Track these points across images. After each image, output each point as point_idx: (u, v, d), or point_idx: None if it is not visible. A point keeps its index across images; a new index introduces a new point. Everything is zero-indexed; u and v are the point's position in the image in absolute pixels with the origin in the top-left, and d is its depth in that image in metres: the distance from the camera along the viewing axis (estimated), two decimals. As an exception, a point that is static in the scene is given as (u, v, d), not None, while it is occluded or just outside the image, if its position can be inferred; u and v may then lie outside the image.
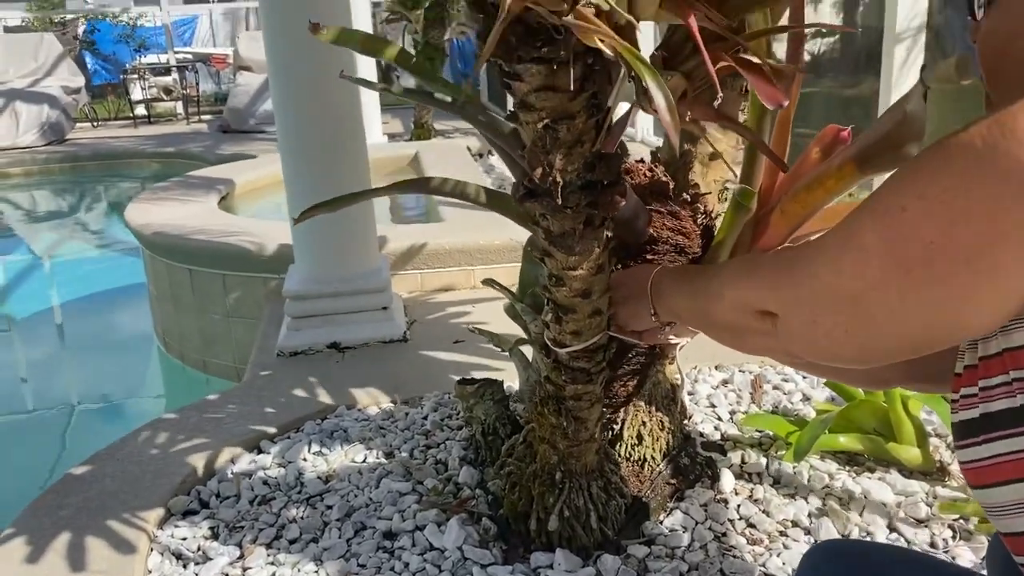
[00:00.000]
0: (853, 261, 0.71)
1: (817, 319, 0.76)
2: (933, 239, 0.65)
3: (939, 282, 0.66)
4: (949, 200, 0.64)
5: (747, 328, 0.88)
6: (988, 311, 0.66)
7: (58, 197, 8.49)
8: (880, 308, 0.70)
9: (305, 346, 2.46)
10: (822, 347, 0.79)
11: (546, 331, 1.31)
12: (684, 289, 1.04)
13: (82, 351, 4.57)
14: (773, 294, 0.82)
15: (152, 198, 4.09)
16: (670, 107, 0.83)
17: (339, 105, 2.39)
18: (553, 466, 1.42)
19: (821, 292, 0.75)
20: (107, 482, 1.80)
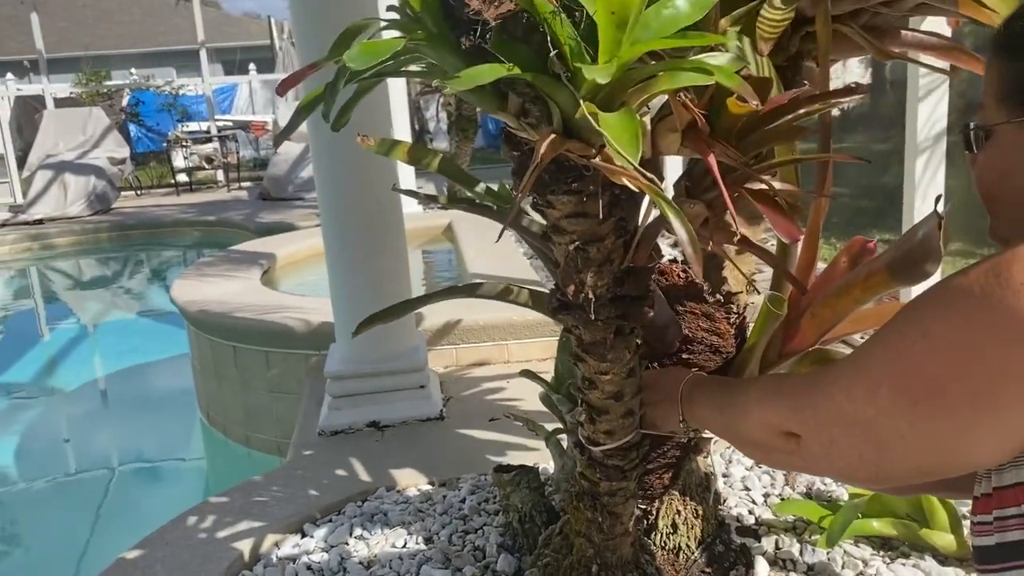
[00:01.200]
0: (865, 389, 0.77)
1: (834, 441, 0.82)
2: (937, 375, 0.71)
3: (944, 415, 0.71)
4: (951, 340, 0.70)
5: (772, 447, 0.93)
6: (992, 445, 0.72)
7: (104, 265, 8.74)
8: (890, 434, 0.76)
9: (346, 425, 2.53)
10: (839, 468, 0.85)
11: (580, 429, 1.36)
12: (713, 402, 1.09)
13: (126, 422, 4.68)
14: (795, 416, 0.88)
15: (197, 274, 4.23)
16: (692, 241, 0.90)
17: (378, 181, 2.50)
18: (589, 559, 1.46)
19: (837, 416, 0.80)
20: (158, 568, 1.86)
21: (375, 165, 2.46)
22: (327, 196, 2.53)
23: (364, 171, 2.47)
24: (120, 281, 8.25)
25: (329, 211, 2.53)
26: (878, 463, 0.79)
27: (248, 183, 11.90)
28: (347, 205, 2.51)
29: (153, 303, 7.10)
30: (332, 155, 2.48)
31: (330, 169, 2.52)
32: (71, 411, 4.93)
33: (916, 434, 0.74)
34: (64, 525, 3.53)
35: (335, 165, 2.49)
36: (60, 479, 3.97)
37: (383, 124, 2.59)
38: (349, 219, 2.50)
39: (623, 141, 0.79)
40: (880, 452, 0.78)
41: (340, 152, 2.45)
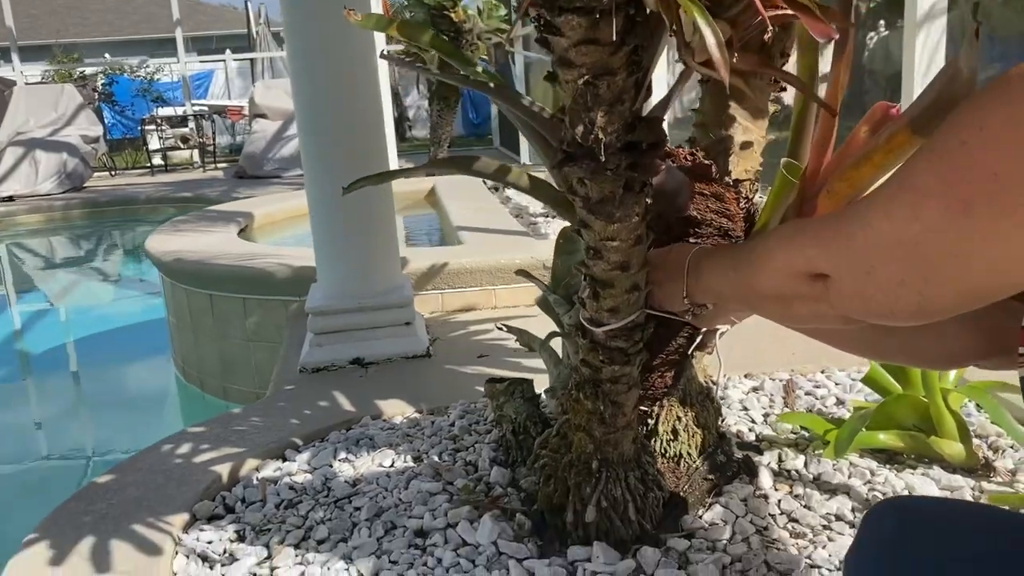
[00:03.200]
0: (908, 204, 0.67)
1: (872, 271, 0.72)
2: (997, 170, 0.61)
3: (1004, 216, 0.62)
4: (1013, 127, 0.61)
5: (795, 294, 0.84)
6: None
7: (77, 243, 8.57)
8: (939, 252, 0.66)
9: (328, 362, 2.44)
10: (878, 303, 0.75)
11: (582, 311, 1.29)
12: (725, 263, 1.01)
13: (101, 389, 4.56)
14: (823, 252, 0.78)
15: (172, 230, 4.11)
16: (719, 43, 0.82)
17: (362, 111, 2.40)
18: (589, 455, 1.39)
19: (875, 241, 0.71)
20: (130, 490, 1.77)
21: (359, 91, 2.37)
22: (308, 123, 2.43)
23: (348, 95, 2.38)
24: (93, 258, 8.08)
25: (311, 137, 2.43)
26: (923, 290, 0.70)
27: (225, 164, 11.74)
28: (330, 131, 2.41)
29: (127, 279, 6.96)
30: (313, 75, 2.38)
31: (312, 94, 2.42)
32: (44, 390, 4.78)
33: (970, 248, 0.65)
34: (39, 512, 3.41)
35: (316, 86, 2.39)
36: (34, 465, 3.85)
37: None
38: (332, 147, 2.41)
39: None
40: (926, 276, 0.69)
41: (321, 71, 2.36)
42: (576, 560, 1.38)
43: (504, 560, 1.39)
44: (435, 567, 1.40)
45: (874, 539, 0.86)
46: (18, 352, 5.46)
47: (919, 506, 0.87)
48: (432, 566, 1.40)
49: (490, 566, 1.38)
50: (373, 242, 2.49)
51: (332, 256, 2.52)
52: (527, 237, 3.54)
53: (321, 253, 2.55)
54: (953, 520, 0.83)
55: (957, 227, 0.64)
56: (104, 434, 3.90)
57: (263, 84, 10.75)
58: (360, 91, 2.35)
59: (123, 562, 1.50)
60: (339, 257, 2.51)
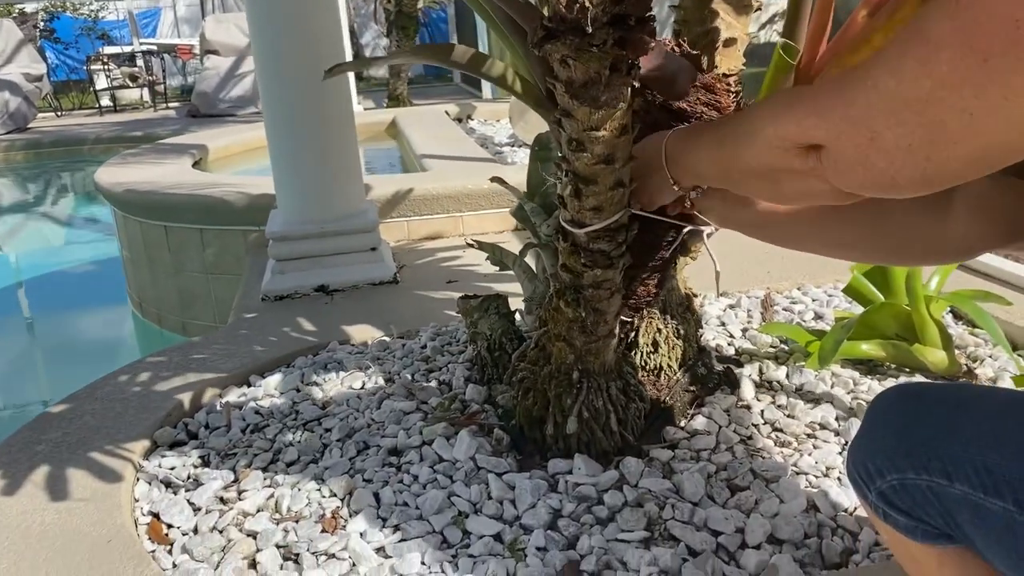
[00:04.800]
0: (919, 59, 0.60)
1: (875, 137, 0.65)
2: (1019, 16, 0.55)
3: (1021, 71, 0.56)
4: None
5: (786, 169, 0.77)
6: None
7: (21, 186, 8.25)
8: (951, 110, 0.60)
9: (291, 290, 2.35)
10: (880, 171, 0.68)
11: (562, 212, 1.22)
12: (706, 140, 0.94)
13: (54, 332, 4.41)
14: (821, 120, 0.71)
15: (123, 162, 3.94)
16: None
17: (320, 31, 2.28)
18: (570, 365, 1.33)
19: (879, 103, 0.63)
20: (87, 419, 1.68)
21: (316, 14, 2.24)
22: (263, 44, 2.30)
23: (304, 20, 2.24)
24: (42, 201, 7.80)
25: (268, 55, 2.30)
26: (930, 154, 0.63)
27: (176, 103, 11.37)
28: (283, 49, 2.28)
29: (78, 220, 6.73)
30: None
31: (268, 16, 2.28)
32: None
33: (985, 105, 0.58)
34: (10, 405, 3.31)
35: (272, 11, 2.25)
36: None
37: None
38: (289, 64, 2.28)
39: None
40: (936, 138, 0.62)
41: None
42: (557, 473, 1.34)
43: (483, 475, 1.34)
44: (411, 484, 1.35)
45: (882, 415, 0.83)
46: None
47: (924, 387, 0.84)
48: (408, 483, 1.35)
49: (468, 481, 1.33)
50: (334, 164, 2.39)
51: (292, 179, 2.41)
52: (493, 163, 3.45)
53: (280, 176, 2.44)
54: (957, 396, 0.80)
55: (973, 81, 0.57)
56: (58, 376, 3.78)
57: (214, 19, 10.34)
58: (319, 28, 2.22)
59: (80, 490, 1.43)
60: (299, 180, 2.41)
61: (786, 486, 1.28)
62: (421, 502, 1.29)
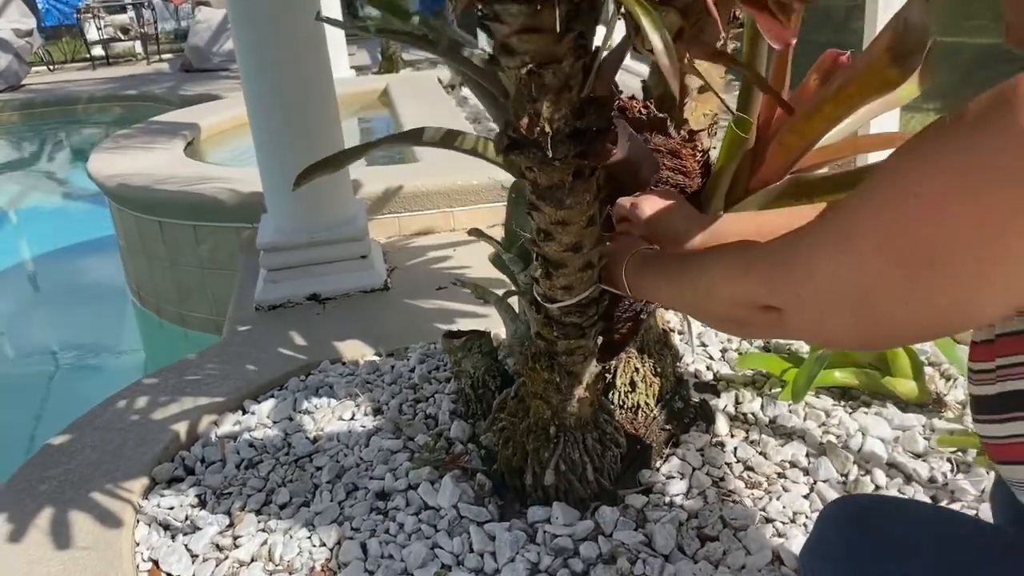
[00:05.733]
0: (855, 258, 0.66)
1: (823, 315, 0.71)
2: (936, 237, 0.59)
3: (950, 279, 0.61)
4: (947, 195, 0.58)
5: (749, 321, 0.83)
6: (1004, 300, 0.61)
7: (17, 147, 8.22)
8: (890, 302, 0.65)
9: (284, 299, 2.39)
10: (830, 338, 0.75)
11: (536, 286, 1.25)
12: (665, 284, 1.00)
13: (54, 306, 4.47)
14: (773, 293, 0.76)
15: (115, 147, 3.94)
16: (668, 50, 0.76)
17: (304, 41, 2.26)
18: (547, 420, 1.38)
19: (824, 289, 0.69)
20: (87, 452, 1.74)
21: (298, 19, 2.23)
22: (247, 54, 2.29)
23: (287, 27, 2.23)
24: (37, 163, 7.78)
25: (251, 69, 2.30)
26: (874, 331, 0.69)
27: (169, 55, 11.22)
28: (270, 61, 2.28)
29: (75, 183, 6.71)
30: (251, 13, 2.23)
31: (251, 22, 2.27)
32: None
33: (920, 299, 0.63)
34: (6, 418, 3.39)
35: (256, 16, 2.24)
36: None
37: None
38: (273, 76, 2.28)
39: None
40: (878, 319, 0.67)
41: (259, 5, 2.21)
42: (536, 521, 1.40)
43: (466, 523, 1.40)
44: (397, 533, 1.41)
45: (828, 541, 0.88)
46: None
47: (871, 508, 0.89)
48: (394, 532, 1.41)
49: (452, 530, 1.40)
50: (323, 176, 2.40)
51: (281, 189, 2.43)
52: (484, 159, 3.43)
53: (269, 186, 2.46)
54: (905, 524, 0.85)
55: (907, 284, 0.63)
56: (60, 347, 3.86)
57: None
58: (299, 21, 2.21)
59: (83, 536, 1.50)
60: (288, 190, 2.42)
61: (753, 536, 1.34)
62: (406, 554, 1.35)
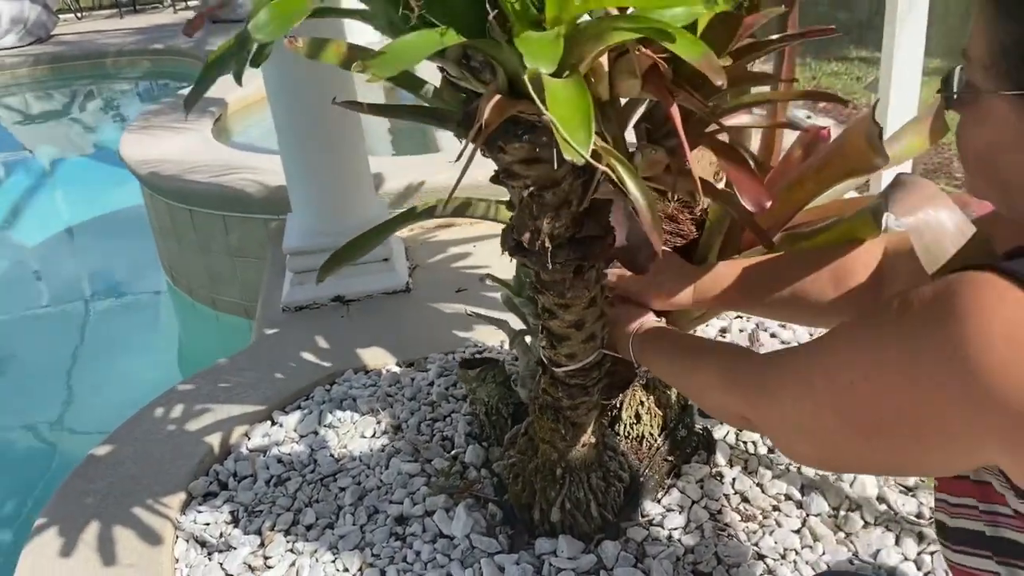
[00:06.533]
0: (812, 410, 0.76)
1: (790, 440, 0.81)
2: (883, 416, 0.67)
3: (896, 445, 0.69)
4: (893, 381, 0.65)
5: (731, 417, 0.92)
6: (950, 466, 0.69)
7: (49, 100, 8.33)
8: (844, 449, 0.75)
9: (310, 300, 2.49)
10: (798, 459, 0.87)
11: (541, 351, 1.33)
12: (667, 367, 1.12)
13: (88, 264, 4.62)
14: (750, 411, 0.87)
15: (145, 126, 4.02)
16: (651, 207, 0.83)
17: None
18: (553, 462, 1.48)
19: (789, 422, 0.79)
20: (128, 465, 1.87)
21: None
22: (273, 69, 2.35)
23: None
24: (69, 118, 7.89)
25: (277, 82, 2.36)
26: (836, 464, 0.83)
27: (195, 1, 11.18)
28: (295, 76, 2.34)
29: (107, 139, 6.82)
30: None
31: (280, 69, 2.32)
32: (37, 255, 4.85)
33: (873, 454, 0.73)
34: (49, 355, 3.58)
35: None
36: (38, 315, 3.99)
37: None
38: (299, 90, 2.34)
39: (572, 125, 0.70)
40: (838, 456, 0.78)
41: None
42: (543, 553, 1.50)
43: (477, 555, 1.51)
44: (414, 562, 1.53)
45: None
46: (7, 211, 5.51)
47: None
48: (411, 561, 1.53)
49: (464, 560, 1.51)
50: (345, 179, 2.48)
51: (305, 193, 2.52)
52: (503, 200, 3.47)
53: (294, 190, 2.54)
54: None
55: (857, 442, 0.72)
56: (95, 299, 4.01)
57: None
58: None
59: (128, 552, 1.63)
60: (312, 192, 2.51)
61: (744, 574, 1.44)
62: (422, 584, 1.47)
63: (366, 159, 2.56)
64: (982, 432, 0.59)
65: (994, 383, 0.56)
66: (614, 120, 0.90)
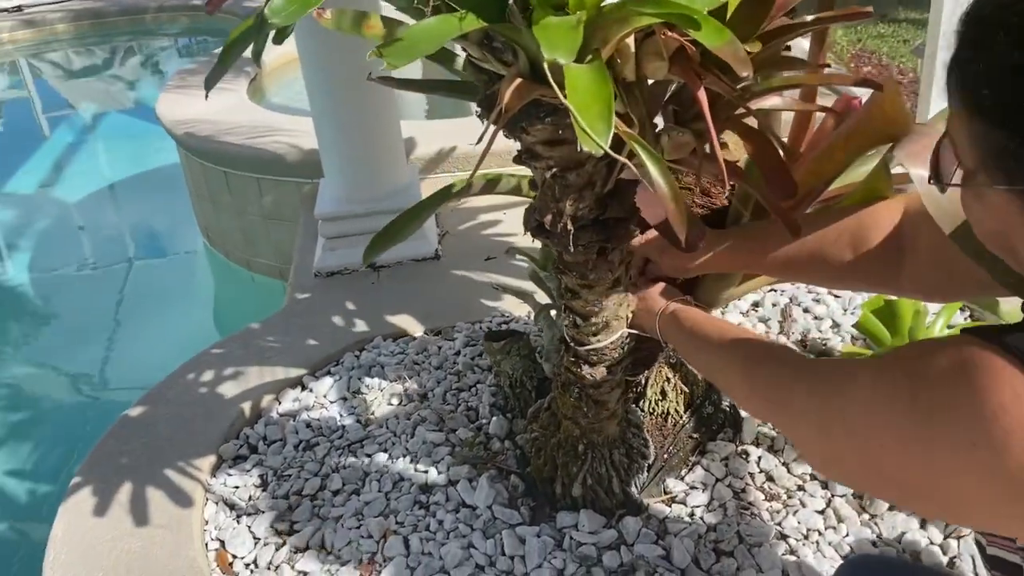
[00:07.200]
0: (832, 453, 0.75)
1: (812, 460, 0.82)
2: (898, 475, 0.67)
3: (912, 502, 0.72)
4: (905, 451, 0.65)
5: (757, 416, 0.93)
6: (972, 526, 0.70)
7: (90, 56, 8.39)
8: (867, 487, 0.77)
9: (341, 266, 2.51)
10: (819, 471, 0.89)
11: (565, 329, 1.32)
12: (694, 354, 1.12)
13: (129, 219, 4.71)
14: (771, 420, 0.87)
15: (181, 86, 4.04)
16: (675, 198, 0.81)
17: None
18: (576, 438, 1.48)
19: (810, 448, 0.80)
20: (161, 427, 1.91)
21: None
22: (306, 36, 2.33)
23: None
24: (109, 74, 7.95)
25: (309, 50, 2.35)
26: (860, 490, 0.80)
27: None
28: (327, 43, 2.32)
29: (148, 98, 6.87)
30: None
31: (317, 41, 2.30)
32: (78, 211, 4.94)
33: (894, 499, 0.74)
34: (91, 314, 3.67)
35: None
36: (80, 270, 4.09)
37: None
38: (331, 57, 2.33)
39: (591, 115, 0.68)
40: (861, 488, 0.79)
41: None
42: (564, 527, 1.51)
43: (499, 525, 1.53)
44: (437, 531, 1.55)
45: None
46: (51, 164, 5.60)
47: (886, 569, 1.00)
48: (434, 530, 1.55)
49: (486, 531, 1.52)
50: (376, 146, 2.47)
51: (337, 159, 2.51)
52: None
53: (326, 155, 2.54)
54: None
55: (879, 486, 0.72)
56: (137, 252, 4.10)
57: None
58: None
59: (160, 514, 1.67)
60: (345, 158, 2.51)
61: (766, 554, 1.44)
62: (444, 553, 1.49)
63: (398, 125, 2.55)
64: (1006, 518, 0.61)
65: (1017, 475, 0.57)
66: (641, 102, 0.88)
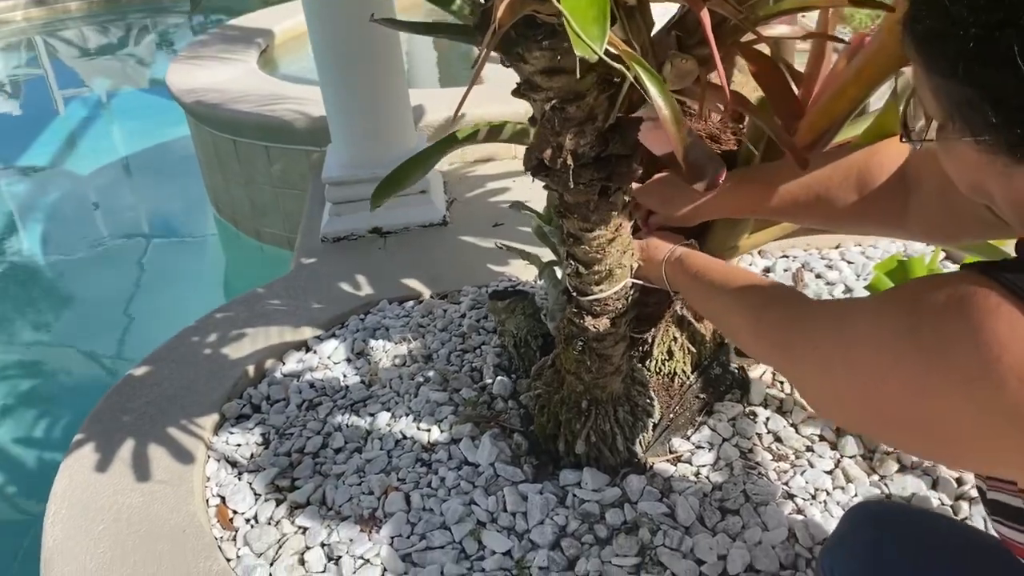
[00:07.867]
0: (834, 394, 0.74)
1: (815, 401, 0.82)
2: (899, 412, 0.66)
3: (915, 441, 0.71)
4: (908, 386, 0.64)
5: (763, 360, 0.91)
6: (971, 468, 0.70)
7: (104, 34, 8.40)
8: (868, 427, 0.78)
9: (348, 231, 2.49)
10: (822, 414, 0.89)
11: (568, 279, 1.30)
12: (699, 304, 1.13)
13: (142, 194, 4.71)
14: (776, 364, 0.89)
15: (192, 56, 4.02)
16: (675, 119, 0.78)
17: None
18: (579, 395, 1.46)
19: (814, 390, 0.79)
20: (165, 385, 1.90)
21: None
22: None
23: None
24: (124, 52, 7.96)
25: (314, 8, 2.32)
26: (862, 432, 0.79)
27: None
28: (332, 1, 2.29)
29: (162, 75, 6.88)
30: None
31: None
32: (93, 186, 4.95)
33: (896, 439, 0.75)
34: (104, 286, 3.68)
35: None
36: (93, 245, 4.10)
37: None
38: (336, 15, 2.30)
39: (585, 18, 0.65)
40: (862, 430, 0.78)
41: None
42: (567, 484, 1.49)
43: (501, 483, 1.51)
44: (438, 488, 1.53)
45: (849, 545, 0.96)
46: (65, 141, 5.61)
47: (894, 517, 0.97)
48: (436, 486, 1.53)
49: (488, 488, 1.50)
50: (383, 111, 2.44)
51: (344, 124, 2.49)
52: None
53: (333, 120, 2.51)
54: (925, 535, 0.92)
55: (880, 427, 0.72)
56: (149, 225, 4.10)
57: None
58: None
59: (161, 470, 1.66)
60: (352, 124, 2.48)
61: (772, 512, 1.41)
62: (445, 509, 1.47)
63: (406, 91, 2.52)
64: (1004, 451, 0.61)
65: (1014, 411, 0.57)
66: (644, 28, 0.84)
